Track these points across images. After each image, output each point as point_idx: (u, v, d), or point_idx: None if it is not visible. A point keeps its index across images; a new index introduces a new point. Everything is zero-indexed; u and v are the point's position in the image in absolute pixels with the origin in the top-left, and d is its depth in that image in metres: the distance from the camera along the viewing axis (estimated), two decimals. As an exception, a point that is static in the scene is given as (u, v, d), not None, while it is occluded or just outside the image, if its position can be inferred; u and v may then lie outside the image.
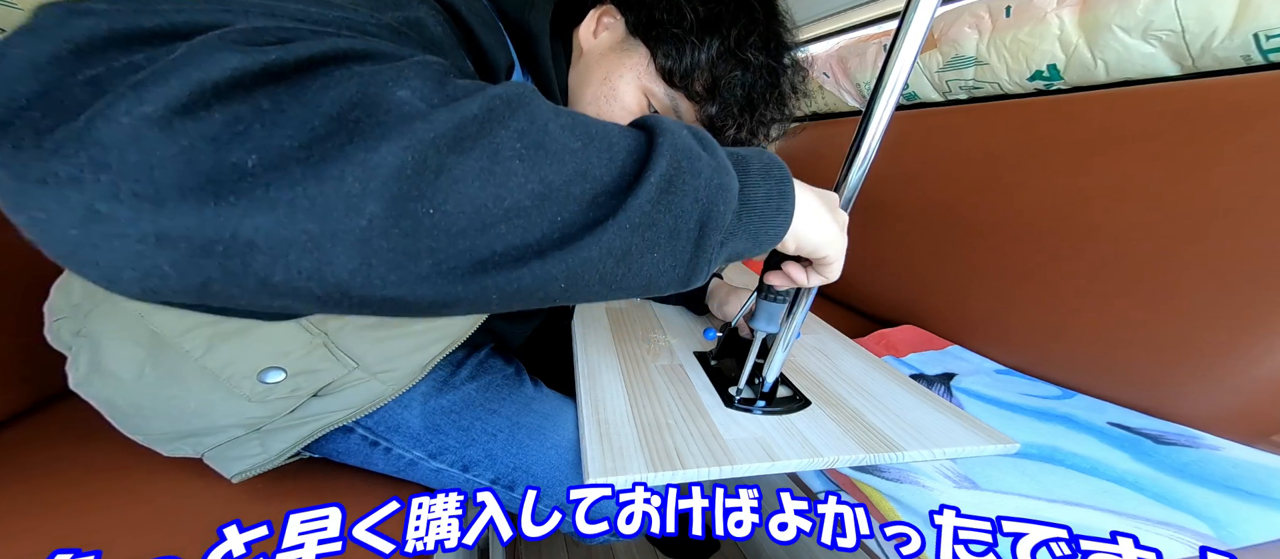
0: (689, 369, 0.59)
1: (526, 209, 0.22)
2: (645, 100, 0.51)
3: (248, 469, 0.50)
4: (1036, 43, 0.86)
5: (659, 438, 0.45)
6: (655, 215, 0.25)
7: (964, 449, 0.47)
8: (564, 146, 0.23)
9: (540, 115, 0.24)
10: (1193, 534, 0.47)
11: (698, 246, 0.27)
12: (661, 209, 0.25)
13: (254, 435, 0.49)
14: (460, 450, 0.54)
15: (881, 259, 1.11)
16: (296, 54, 0.20)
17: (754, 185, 0.30)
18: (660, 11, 0.48)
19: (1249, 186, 0.60)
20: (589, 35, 0.51)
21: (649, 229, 0.25)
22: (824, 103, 1.49)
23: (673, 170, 0.25)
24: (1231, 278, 0.60)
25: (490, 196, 0.21)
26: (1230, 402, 0.60)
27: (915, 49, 0.33)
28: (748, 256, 0.33)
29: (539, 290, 0.24)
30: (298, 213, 0.19)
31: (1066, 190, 0.78)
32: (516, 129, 0.22)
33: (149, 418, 0.49)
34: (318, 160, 0.19)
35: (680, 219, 0.26)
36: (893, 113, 0.37)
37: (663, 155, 0.25)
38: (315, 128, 0.19)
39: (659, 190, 0.25)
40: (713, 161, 0.28)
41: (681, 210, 0.26)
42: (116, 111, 0.17)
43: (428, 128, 0.20)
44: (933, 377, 0.79)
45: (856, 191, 0.39)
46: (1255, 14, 0.63)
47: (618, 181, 0.25)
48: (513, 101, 0.23)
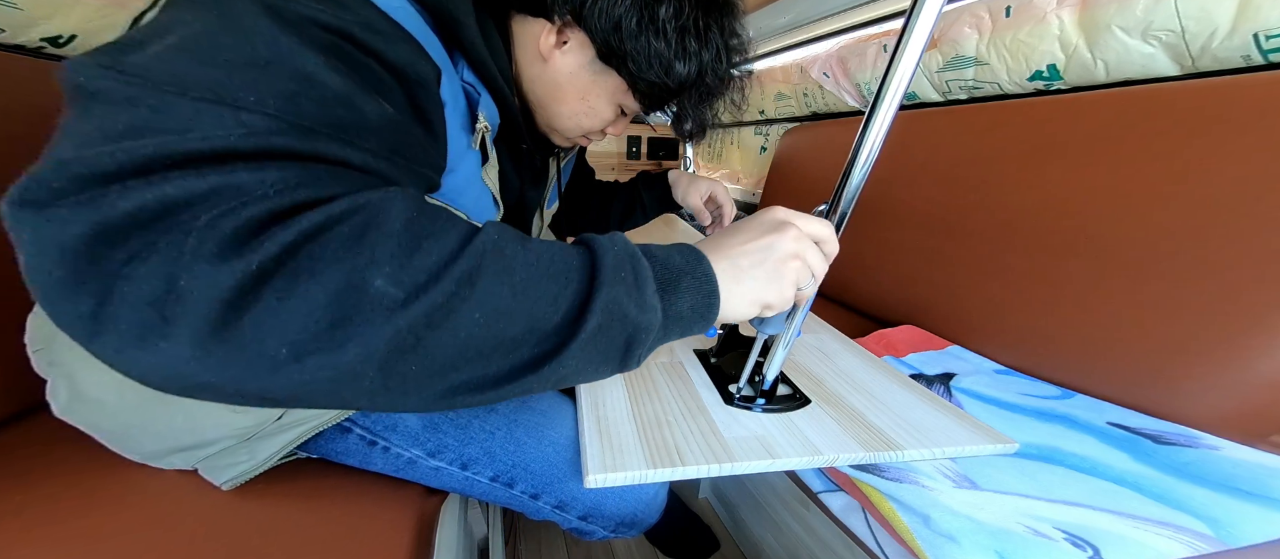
0: (689, 366, 0.58)
1: (487, 354, 0.28)
2: (620, 110, 0.57)
3: (236, 476, 0.50)
4: (1036, 43, 0.86)
5: (659, 435, 0.45)
6: (588, 351, 0.31)
7: (963, 449, 0.47)
8: (516, 307, 0.29)
9: (495, 288, 0.28)
10: (1192, 534, 0.47)
11: (624, 360, 0.34)
12: (593, 347, 0.31)
13: (243, 445, 0.49)
14: (459, 448, 0.54)
15: (881, 259, 1.11)
16: (277, 248, 0.24)
17: (680, 300, 0.35)
18: (631, 44, 0.48)
19: (1249, 186, 0.60)
20: (551, 48, 0.51)
21: (583, 359, 0.31)
22: (824, 103, 1.49)
23: (604, 319, 0.31)
24: (1231, 278, 0.60)
25: (456, 352, 0.27)
26: (1230, 402, 0.60)
27: (919, 50, 0.33)
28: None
29: (497, 399, 0.31)
30: (322, 378, 0.25)
31: (1066, 190, 0.78)
32: (477, 299, 0.27)
33: (139, 438, 0.49)
34: (328, 348, 0.24)
35: (609, 348, 0.32)
36: (896, 114, 0.37)
37: (595, 312, 0.30)
38: (319, 321, 0.24)
39: (591, 335, 0.31)
40: (638, 302, 0.33)
41: (610, 342, 0.32)
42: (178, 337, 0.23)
43: (406, 318, 0.25)
44: (932, 376, 0.79)
45: (858, 192, 0.39)
46: (1255, 14, 0.63)
47: (559, 329, 0.30)
48: (474, 276, 0.28)
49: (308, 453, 0.56)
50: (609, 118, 0.58)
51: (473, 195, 0.51)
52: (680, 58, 0.49)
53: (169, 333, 0.22)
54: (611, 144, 2.07)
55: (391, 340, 0.25)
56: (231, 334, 0.23)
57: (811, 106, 1.56)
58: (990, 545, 0.47)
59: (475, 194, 0.52)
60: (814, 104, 1.53)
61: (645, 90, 0.52)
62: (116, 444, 0.50)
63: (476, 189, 0.52)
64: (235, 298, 0.23)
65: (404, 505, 0.55)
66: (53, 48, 0.77)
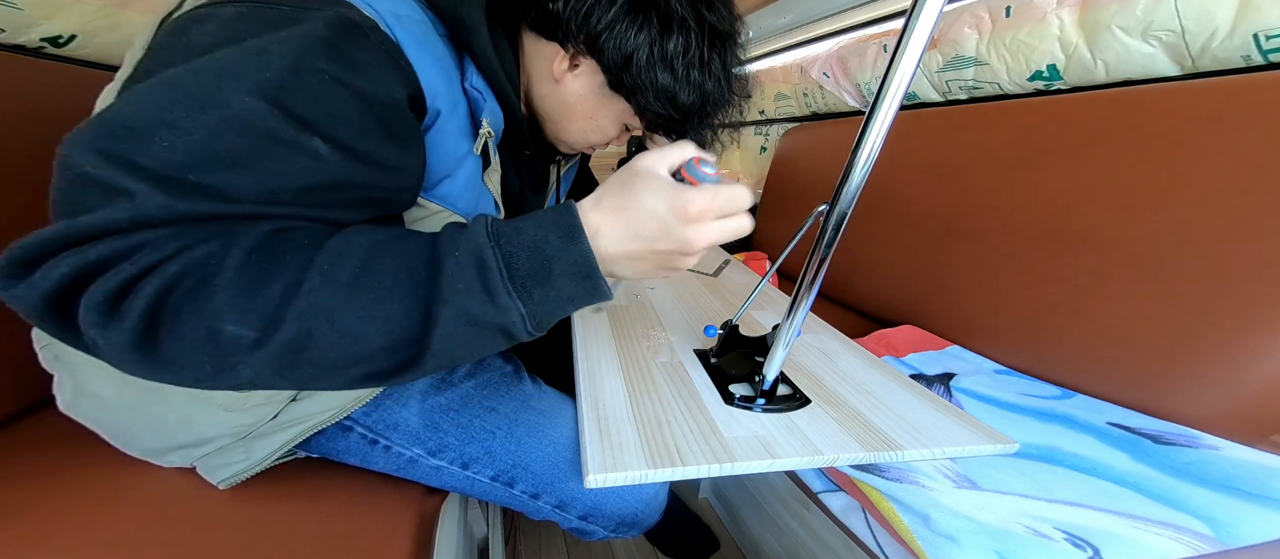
0: (689, 366, 0.58)
1: (362, 359, 0.32)
2: (623, 127, 0.60)
3: (233, 475, 0.50)
4: (1036, 43, 0.86)
5: (659, 435, 0.45)
6: (454, 350, 0.34)
7: (963, 449, 0.47)
8: (366, 329, 0.31)
9: (342, 313, 0.31)
10: (1192, 534, 0.47)
11: (512, 340, 0.36)
12: (458, 347, 0.34)
13: (239, 444, 0.49)
14: (460, 448, 0.54)
15: (881, 259, 1.11)
16: (141, 309, 0.28)
17: (555, 287, 0.35)
18: (641, 77, 0.49)
19: (1249, 186, 0.60)
20: (563, 72, 0.53)
21: (455, 354, 0.35)
22: (824, 103, 1.49)
23: (454, 328, 0.33)
24: (1231, 278, 0.60)
25: (335, 360, 0.31)
26: (1229, 402, 0.60)
27: (920, 50, 0.33)
28: None
29: (413, 380, 0.38)
30: (243, 383, 0.31)
31: (1066, 190, 0.78)
32: (329, 325, 0.31)
33: (138, 434, 0.50)
34: (228, 371, 0.30)
35: (480, 342, 0.35)
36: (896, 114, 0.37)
37: (440, 324, 0.32)
38: (206, 356, 0.29)
39: (446, 342, 0.33)
40: (490, 304, 0.33)
41: (476, 339, 0.34)
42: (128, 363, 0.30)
43: (271, 350, 0.30)
44: (932, 376, 0.79)
45: (858, 192, 0.39)
46: (1255, 14, 0.63)
47: (414, 341, 0.33)
48: (316, 309, 0.30)
49: (308, 452, 0.56)
50: (614, 134, 0.61)
51: (470, 198, 0.52)
52: (684, 89, 0.50)
53: (122, 357, 0.29)
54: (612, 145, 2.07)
55: (271, 364, 0.30)
56: (158, 356, 0.29)
57: (811, 106, 1.56)
58: (990, 546, 0.47)
59: (473, 197, 0.53)
60: (814, 104, 1.53)
61: (650, 117, 0.54)
62: (118, 439, 0.51)
63: (475, 192, 0.53)
64: (138, 342, 0.28)
65: (404, 505, 0.55)
66: (53, 48, 0.77)
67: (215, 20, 0.34)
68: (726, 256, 1.15)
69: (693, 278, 0.95)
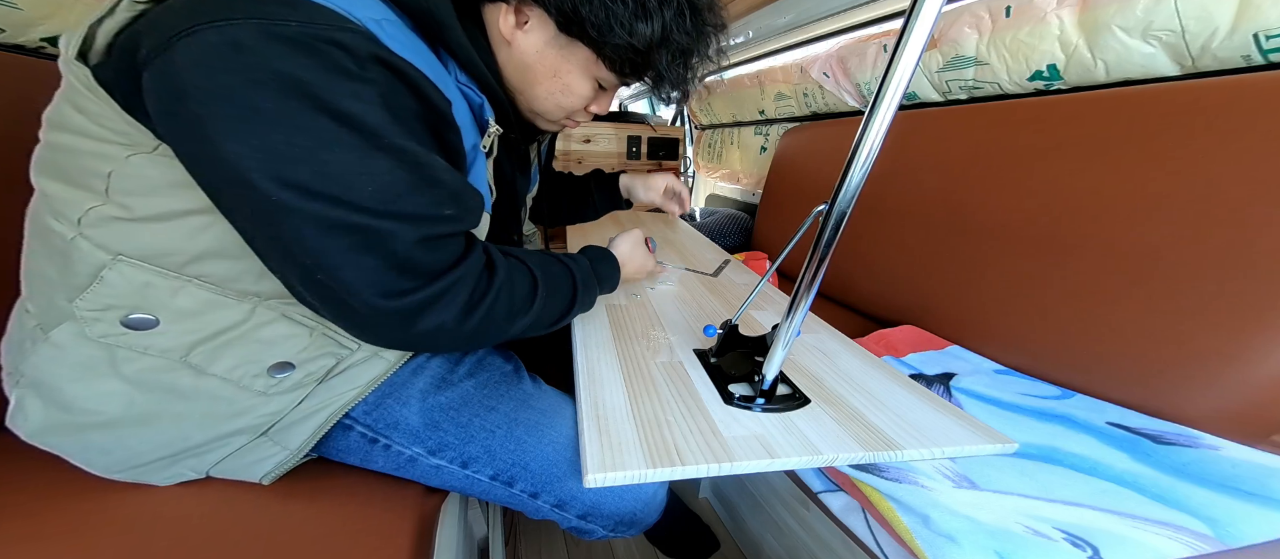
0: (688, 366, 0.58)
1: (554, 319, 0.57)
2: (596, 84, 0.58)
3: (274, 469, 0.51)
4: (1036, 43, 0.86)
5: (658, 435, 0.45)
6: (582, 306, 0.62)
7: (963, 449, 0.47)
8: (556, 307, 0.56)
9: (551, 304, 0.55)
10: (1192, 534, 0.47)
11: (593, 301, 0.65)
12: (581, 307, 0.61)
13: (264, 438, 0.49)
14: (459, 447, 0.54)
15: (881, 259, 1.11)
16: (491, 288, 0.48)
17: (607, 280, 0.69)
18: (587, 10, 0.48)
19: (1249, 186, 0.60)
20: (511, 29, 0.51)
21: (581, 309, 0.62)
22: (824, 103, 1.49)
23: (580, 307, 0.61)
24: (1231, 277, 0.60)
25: (550, 321, 0.56)
26: (1229, 402, 0.60)
27: (919, 50, 0.33)
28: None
29: (561, 324, 0.59)
30: (520, 331, 0.52)
31: (1066, 190, 0.78)
32: (548, 310, 0.55)
33: (139, 448, 0.46)
34: (511, 328, 0.51)
35: (587, 305, 0.63)
36: (895, 114, 0.37)
37: (577, 307, 0.60)
38: (510, 317, 0.50)
39: (577, 310, 0.60)
40: (591, 299, 0.64)
41: (586, 306, 0.63)
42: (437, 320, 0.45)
43: (530, 317, 0.52)
44: (932, 376, 0.79)
45: (858, 192, 0.39)
46: (1255, 14, 0.63)
47: (566, 312, 0.58)
48: (546, 306, 0.54)
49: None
50: (587, 93, 0.58)
51: (482, 189, 0.54)
52: (641, 17, 0.48)
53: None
54: (612, 144, 2.06)
55: (529, 328, 0.52)
56: (480, 319, 0.47)
57: (811, 106, 1.56)
58: (990, 545, 0.47)
59: (483, 188, 0.55)
60: (814, 104, 1.53)
61: (613, 56, 0.52)
62: (108, 462, 0.47)
63: (483, 183, 0.55)
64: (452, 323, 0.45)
65: (404, 505, 0.55)
66: (52, 48, 0.77)
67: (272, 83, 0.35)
68: (726, 257, 1.15)
69: (693, 278, 0.95)
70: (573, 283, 0.58)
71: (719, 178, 2.33)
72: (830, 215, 0.41)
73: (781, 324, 0.49)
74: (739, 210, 1.96)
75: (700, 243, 1.29)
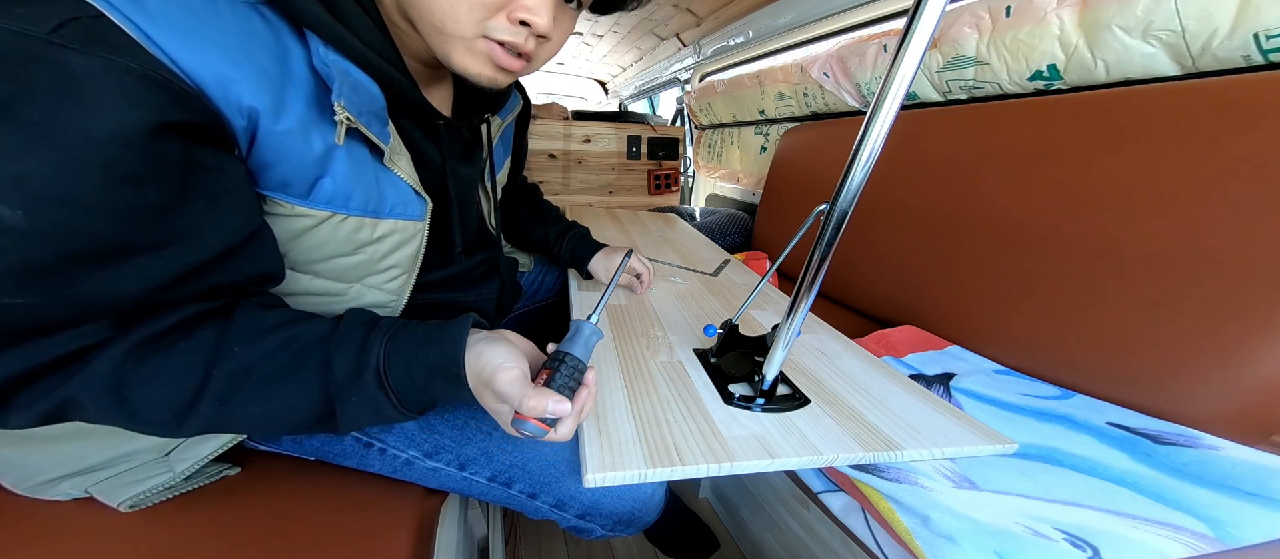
0: (688, 366, 0.58)
1: (290, 424, 0.40)
2: None
3: (145, 494, 0.47)
4: (1036, 43, 0.86)
5: (658, 435, 0.45)
6: (363, 419, 0.41)
7: (963, 449, 0.47)
8: (277, 410, 0.39)
9: (251, 407, 0.38)
10: (1192, 534, 0.47)
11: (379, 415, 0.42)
12: (364, 417, 0.41)
13: (161, 459, 0.47)
14: (456, 449, 0.54)
15: (881, 259, 1.11)
16: None
17: (417, 390, 0.41)
18: None
19: (1249, 186, 0.60)
20: None
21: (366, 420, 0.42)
22: (824, 103, 1.49)
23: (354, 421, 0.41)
24: (1231, 278, 0.60)
25: (264, 426, 0.40)
26: (1230, 402, 0.59)
27: (922, 50, 0.33)
28: None
29: None
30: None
31: (1066, 190, 0.78)
32: (242, 413, 0.38)
33: (39, 465, 0.44)
34: (171, 427, 0.38)
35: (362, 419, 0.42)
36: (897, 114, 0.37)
37: (343, 422, 0.41)
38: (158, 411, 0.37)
39: (349, 425, 0.41)
40: (366, 404, 0.41)
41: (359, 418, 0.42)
42: None
43: (195, 424, 0.38)
44: (932, 377, 0.79)
45: (859, 192, 0.39)
46: (1255, 14, 0.63)
47: (323, 419, 0.40)
48: (227, 397, 0.37)
49: (305, 455, 0.56)
50: None
51: (365, 192, 0.45)
52: None
53: None
54: (612, 144, 2.06)
55: (200, 429, 0.38)
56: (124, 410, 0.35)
57: (811, 106, 1.56)
58: (990, 546, 0.47)
59: (368, 190, 0.45)
60: (814, 104, 1.53)
61: None
62: (12, 473, 0.45)
63: (369, 185, 0.45)
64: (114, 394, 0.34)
65: (404, 506, 0.55)
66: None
67: None
68: (726, 256, 1.14)
69: (693, 277, 0.95)
70: (324, 389, 0.39)
71: (719, 178, 2.33)
72: (831, 215, 0.41)
73: (782, 324, 0.49)
74: (739, 210, 1.96)
75: (700, 243, 1.29)
